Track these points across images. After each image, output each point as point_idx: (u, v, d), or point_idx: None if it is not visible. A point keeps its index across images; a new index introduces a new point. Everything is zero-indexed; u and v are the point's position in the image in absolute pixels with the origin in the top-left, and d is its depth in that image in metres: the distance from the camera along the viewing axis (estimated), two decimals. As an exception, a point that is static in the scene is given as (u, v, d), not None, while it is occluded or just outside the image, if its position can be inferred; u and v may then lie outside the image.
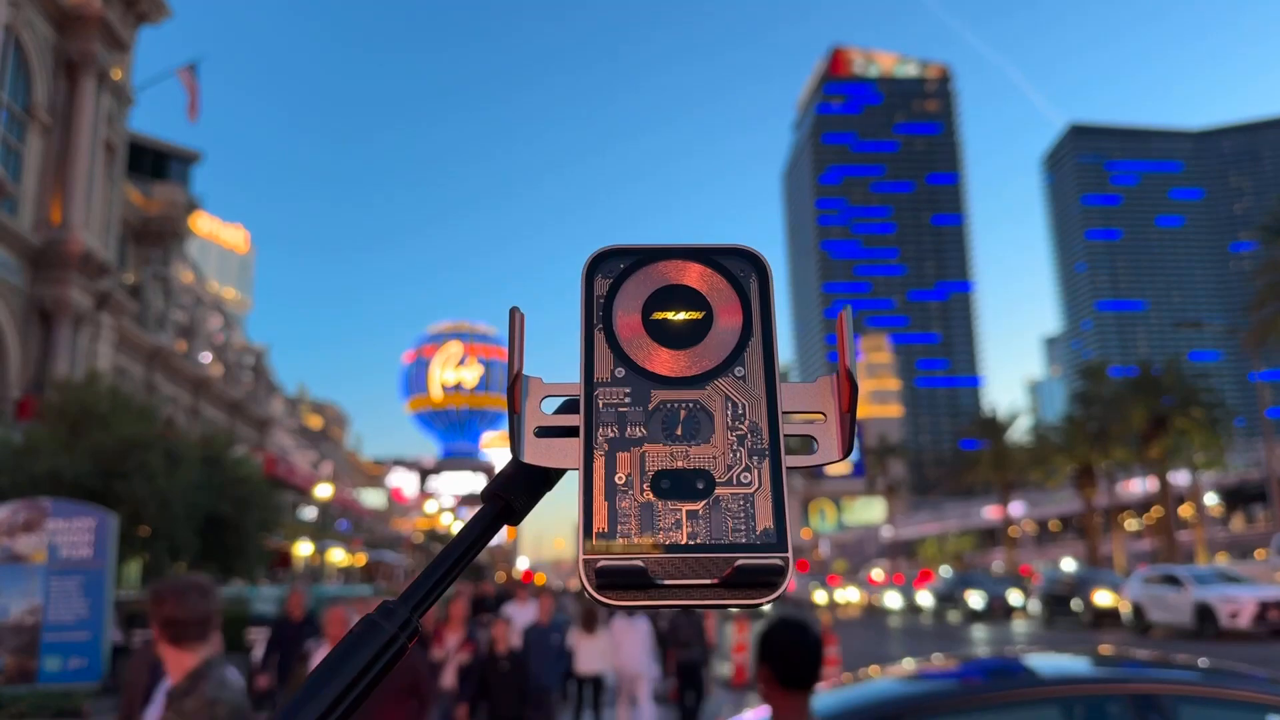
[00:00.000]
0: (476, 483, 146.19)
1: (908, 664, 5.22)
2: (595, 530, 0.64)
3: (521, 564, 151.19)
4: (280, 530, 33.62)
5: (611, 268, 0.74)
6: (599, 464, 0.66)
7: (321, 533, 42.88)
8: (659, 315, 0.72)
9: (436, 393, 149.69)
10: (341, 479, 59.91)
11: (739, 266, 0.74)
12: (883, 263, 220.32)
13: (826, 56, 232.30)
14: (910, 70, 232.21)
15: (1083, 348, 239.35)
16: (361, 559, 48.23)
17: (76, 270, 31.96)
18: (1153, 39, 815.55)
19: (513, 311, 0.70)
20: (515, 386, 0.69)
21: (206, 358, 47.41)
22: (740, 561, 0.63)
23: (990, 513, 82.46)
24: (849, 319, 0.70)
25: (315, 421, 75.99)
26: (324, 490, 39.02)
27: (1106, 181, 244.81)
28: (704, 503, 0.65)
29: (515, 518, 0.72)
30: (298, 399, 74.13)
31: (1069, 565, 61.04)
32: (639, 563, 0.63)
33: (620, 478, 0.66)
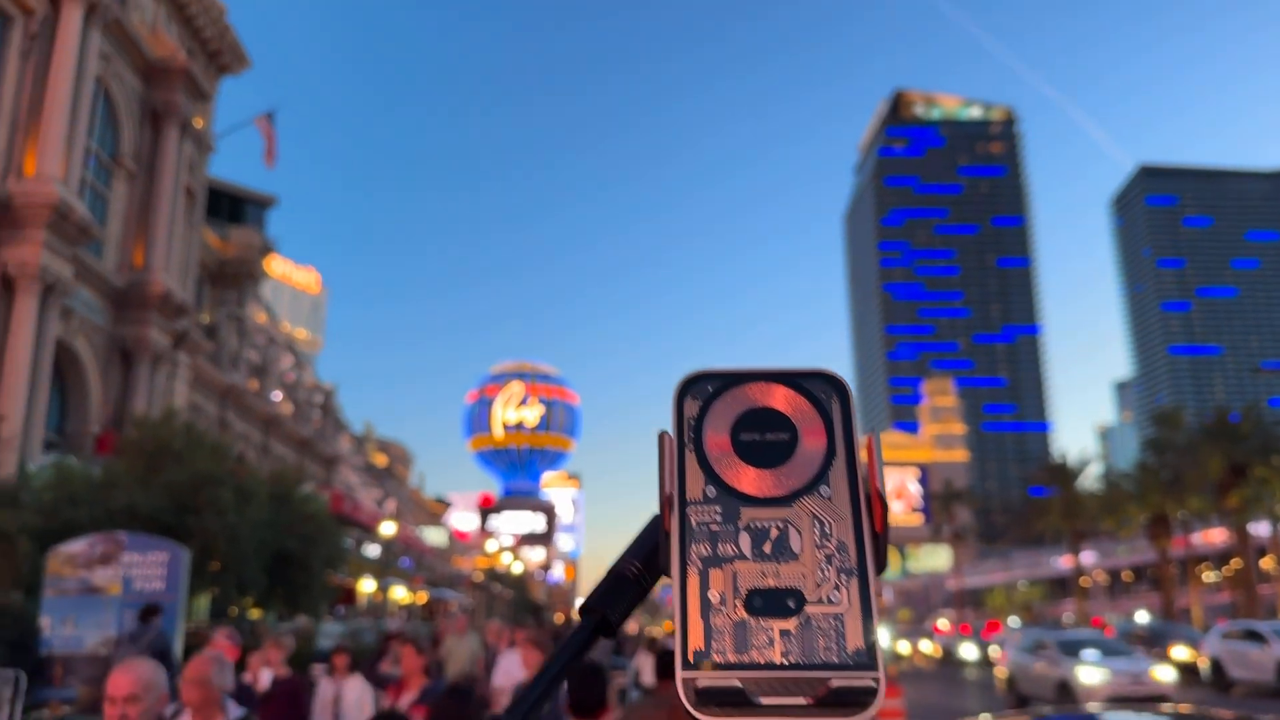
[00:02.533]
0: (536, 522, 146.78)
1: None
2: (692, 649, 0.65)
3: (579, 604, 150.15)
4: (345, 567, 34.04)
5: (700, 390, 0.77)
6: (693, 581, 0.68)
7: (385, 570, 43.32)
8: (747, 436, 0.75)
9: (498, 432, 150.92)
10: (405, 516, 60.63)
11: (821, 388, 0.77)
12: (947, 305, 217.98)
13: (889, 99, 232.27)
14: (974, 113, 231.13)
15: (1155, 393, 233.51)
16: (423, 597, 48.62)
17: (156, 310, 33.17)
18: (1223, 77, 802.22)
19: (661, 436, 0.74)
20: (667, 508, 0.72)
21: (277, 396, 48.54)
22: (835, 682, 0.64)
23: (1060, 562, 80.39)
24: (877, 443, 0.73)
25: (381, 459, 77.12)
26: (388, 528, 39.55)
27: (1178, 223, 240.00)
28: (796, 621, 0.67)
29: (611, 630, 0.75)
30: (364, 437, 75.35)
31: (1143, 618, 59.16)
32: (736, 683, 0.64)
33: (714, 595, 0.68)
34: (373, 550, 45.52)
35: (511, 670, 9.96)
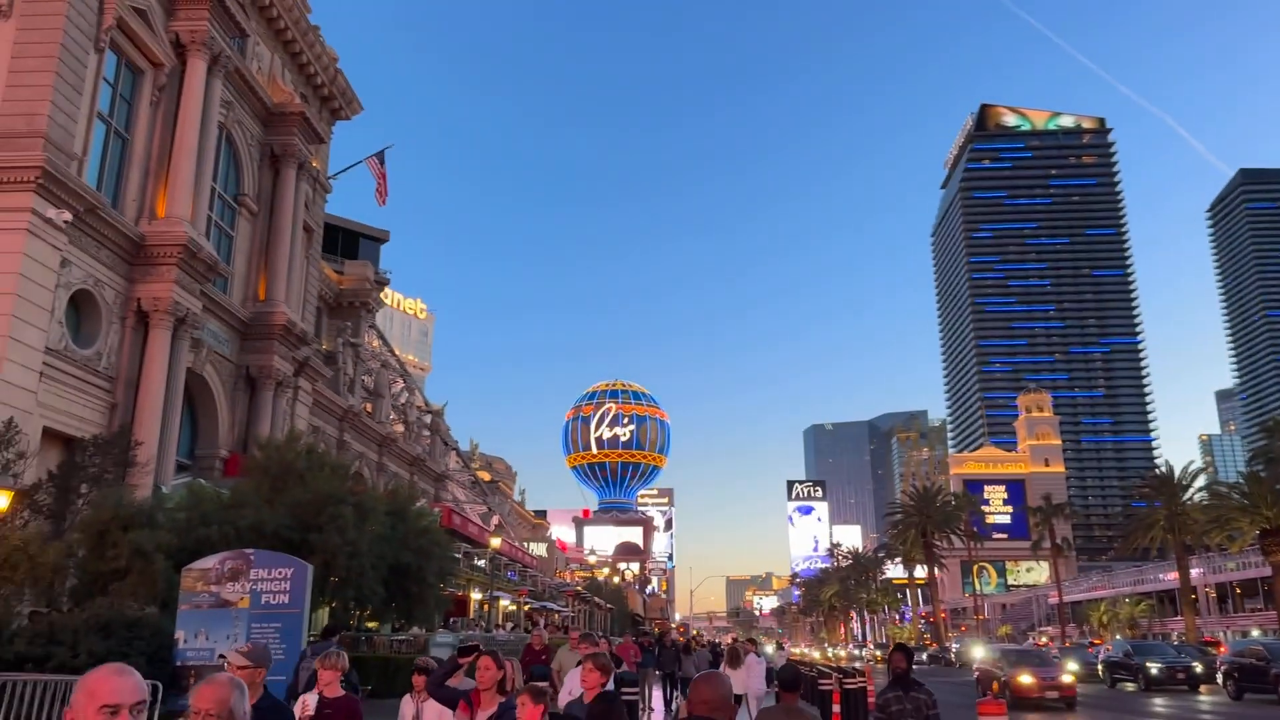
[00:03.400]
0: (632, 536, 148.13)
1: None
2: None
3: (675, 618, 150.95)
4: (455, 580, 35.09)
5: None
6: None
7: (492, 582, 44.63)
8: None
9: (594, 448, 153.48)
10: (508, 530, 62.23)
11: None
12: (1040, 318, 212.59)
13: (975, 114, 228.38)
14: (1063, 124, 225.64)
15: (1261, 402, 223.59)
16: (527, 608, 50.00)
17: (278, 340, 35.11)
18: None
19: None
20: None
21: (390, 417, 50.64)
22: None
23: (1166, 576, 77.92)
24: None
25: (485, 475, 79.13)
26: (496, 541, 41.03)
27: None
28: None
29: None
30: (470, 454, 77.48)
31: (1258, 634, 57.17)
32: None
33: None
34: (479, 562, 46.88)
35: (573, 689, 9.26)
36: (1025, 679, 27.85)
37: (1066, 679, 28.45)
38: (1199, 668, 37.54)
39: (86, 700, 2.76)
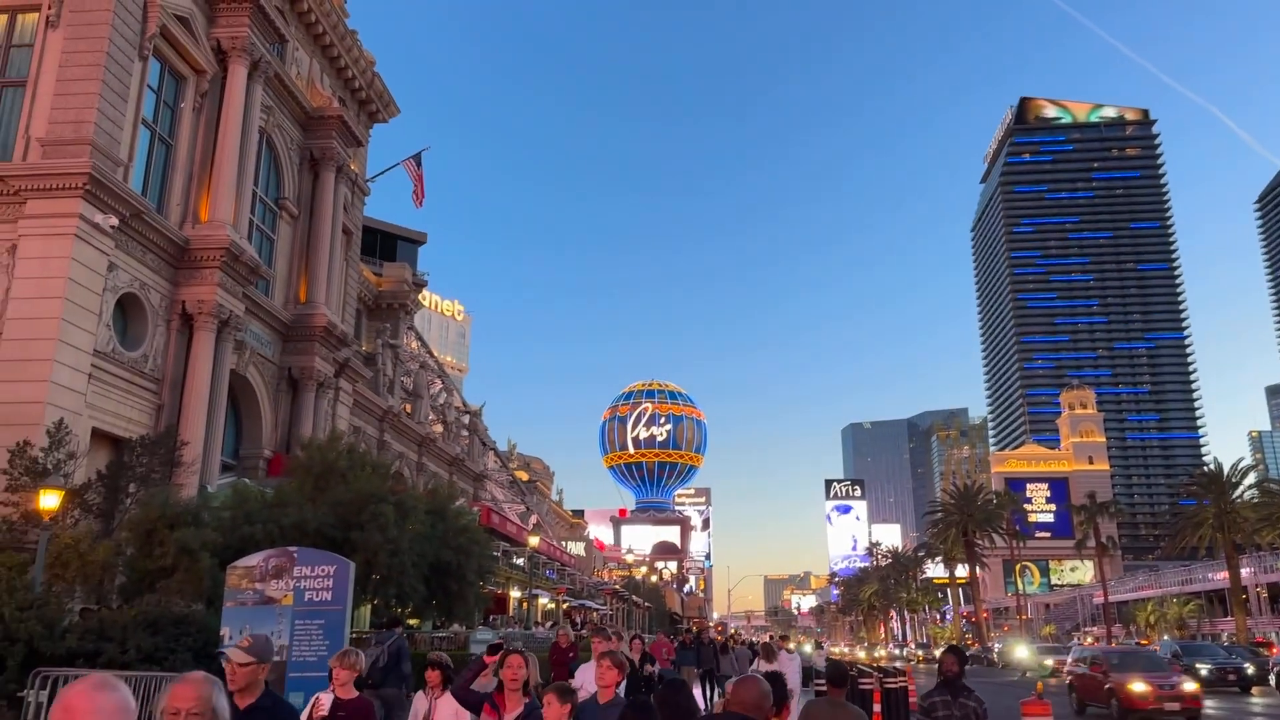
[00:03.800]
0: (670, 535, 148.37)
1: None
2: None
3: (713, 617, 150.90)
4: (494, 578, 35.33)
5: None
6: None
7: (531, 580, 44.98)
8: None
9: (631, 448, 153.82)
10: (546, 529, 62.64)
11: None
12: (1083, 313, 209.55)
13: (1014, 107, 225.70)
14: (1105, 115, 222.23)
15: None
16: (565, 606, 50.33)
17: (319, 342, 35.51)
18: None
19: None
20: None
21: (429, 418, 51.11)
22: None
23: (1216, 576, 76.51)
24: None
25: (523, 475, 79.79)
26: (534, 540, 41.35)
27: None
28: None
29: None
30: (508, 454, 78.08)
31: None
32: None
33: None
34: (518, 561, 47.18)
35: (585, 682, 9.03)
36: (1138, 687, 23.02)
37: (1190, 687, 23.71)
38: (1250, 669, 36.88)
39: (64, 719, 2.48)
